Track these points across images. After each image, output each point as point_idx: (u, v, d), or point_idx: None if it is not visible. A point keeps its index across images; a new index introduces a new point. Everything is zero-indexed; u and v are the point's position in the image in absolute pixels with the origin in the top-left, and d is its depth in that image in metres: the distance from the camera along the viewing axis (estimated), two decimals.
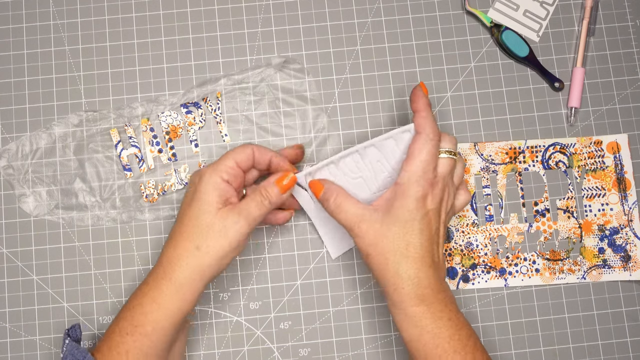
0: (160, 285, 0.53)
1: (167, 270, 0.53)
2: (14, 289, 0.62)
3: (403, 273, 0.52)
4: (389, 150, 0.56)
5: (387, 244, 0.52)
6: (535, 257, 0.63)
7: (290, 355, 0.62)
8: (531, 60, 0.66)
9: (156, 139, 0.64)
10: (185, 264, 0.52)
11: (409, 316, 0.52)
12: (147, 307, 0.52)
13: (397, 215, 0.52)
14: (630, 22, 0.67)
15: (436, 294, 0.52)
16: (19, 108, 0.65)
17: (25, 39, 0.66)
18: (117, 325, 0.53)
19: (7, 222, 0.63)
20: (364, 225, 0.53)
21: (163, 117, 0.64)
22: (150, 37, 0.66)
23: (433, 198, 0.52)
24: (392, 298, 0.52)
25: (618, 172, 0.64)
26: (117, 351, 0.52)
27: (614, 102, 0.66)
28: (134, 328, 0.52)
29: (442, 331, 0.51)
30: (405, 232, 0.52)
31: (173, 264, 0.53)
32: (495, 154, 0.65)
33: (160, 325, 0.52)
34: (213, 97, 0.65)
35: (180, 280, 0.52)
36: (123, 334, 0.52)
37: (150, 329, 0.52)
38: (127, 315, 0.53)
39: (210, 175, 0.54)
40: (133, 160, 0.64)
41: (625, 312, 0.62)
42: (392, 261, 0.52)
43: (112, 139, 0.64)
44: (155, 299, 0.52)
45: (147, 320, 0.52)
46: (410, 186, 0.52)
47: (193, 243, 0.53)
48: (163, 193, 0.63)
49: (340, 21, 0.67)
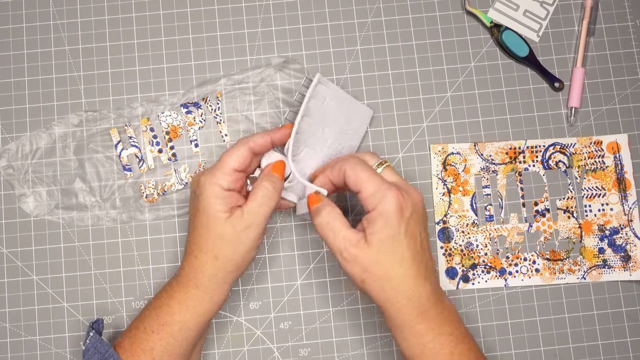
0: (187, 289, 0.53)
1: (191, 277, 0.54)
2: (14, 289, 0.62)
3: (402, 294, 0.51)
4: (316, 110, 0.58)
5: (379, 267, 0.50)
6: (535, 257, 0.63)
7: (290, 355, 0.62)
8: (531, 60, 0.66)
9: (156, 139, 0.64)
10: (210, 273, 0.53)
11: (411, 334, 0.51)
12: (175, 308, 0.53)
13: (383, 238, 0.50)
14: (630, 22, 0.67)
15: (435, 307, 0.51)
16: (19, 108, 0.65)
17: (25, 39, 0.66)
18: (141, 322, 0.53)
19: (7, 222, 0.63)
20: (353, 250, 0.51)
21: (163, 117, 0.64)
22: (150, 37, 0.66)
23: (406, 204, 0.51)
24: (394, 321, 0.52)
25: (618, 172, 0.64)
26: (142, 347, 0.52)
27: (614, 102, 0.66)
28: (161, 326, 0.53)
29: (443, 347, 0.51)
30: (394, 250, 0.50)
31: (197, 271, 0.54)
32: (495, 154, 0.65)
33: (187, 325, 0.53)
34: (213, 97, 0.65)
35: (206, 285, 0.53)
36: (148, 332, 0.53)
37: (177, 329, 0.53)
38: (152, 314, 0.53)
39: (210, 185, 0.53)
40: (133, 160, 0.64)
41: (625, 312, 0.62)
42: (390, 285, 0.50)
43: (112, 139, 0.64)
44: (183, 302, 0.53)
45: (174, 320, 0.53)
46: (382, 203, 0.51)
47: (211, 253, 0.53)
48: (163, 193, 0.63)
49: (340, 21, 0.67)
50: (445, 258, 0.63)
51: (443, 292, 0.54)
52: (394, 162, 0.64)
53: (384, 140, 0.65)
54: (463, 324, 0.53)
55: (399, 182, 0.53)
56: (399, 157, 0.64)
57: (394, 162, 0.64)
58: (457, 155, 0.64)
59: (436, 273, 0.54)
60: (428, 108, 0.65)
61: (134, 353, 0.52)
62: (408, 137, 0.65)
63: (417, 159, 0.64)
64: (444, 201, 0.64)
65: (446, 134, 0.65)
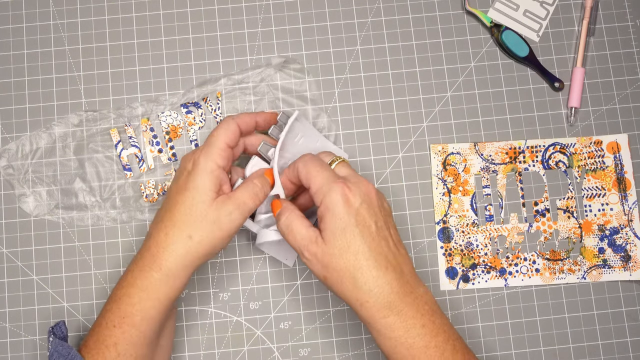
0: (148, 273, 0.52)
1: (156, 257, 0.52)
2: (14, 289, 0.62)
3: (362, 285, 0.49)
4: (289, 145, 0.59)
5: (337, 262, 0.49)
6: (535, 257, 0.63)
7: (290, 355, 0.62)
8: (531, 60, 0.66)
9: (156, 139, 0.64)
10: (177, 253, 0.52)
11: (381, 330, 0.49)
12: (135, 297, 0.51)
13: (334, 230, 0.50)
14: (630, 22, 0.67)
15: (403, 298, 0.49)
16: (19, 108, 0.65)
17: (25, 39, 0.66)
18: (103, 318, 0.52)
19: (7, 222, 0.63)
20: (312, 247, 0.50)
21: (163, 117, 0.64)
22: (150, 37, 0.66)
23: (354, 194, 0.50)
24: (360, 314, 0.50)
25: (618, 172, 0.64)
26: (105, 344, 0.51)
27: (614, 102, 0.66)
28: (122, 319, 0.51)
29: (417, 341, 0.49)
30: (348, 242, 0.49)
31: (163, 251, 0.52)
32: (495, 154, 0.65)
33: (149, 314, 0.52)
34: (213, 97, 0.65)
35: (171, 268, 0.52)
36: (110, 327, 0.51)
37: (138, 319, 0.51)
38: (113, 307, 0.52)
39: (206, 162, 0.53)
40: (133, 160, 0.64)
41: (625, 312, 0.62)
42: (348, 276, 0.49)
43: (112, 139, 0.64)
44: (144, 288, 0.52)
45: (135, 310, 0.51)
46: (327, 196, 0.50)
47: (185, 232, 0.52)
48: (163, 193, 0.63)
49: (340, 21, 0.67)
50: (445, 258, 0.63)
51: (418, 282, 0.52)
52: (394, 162, 0.64)
53: (384, 140, 0.65)
54: (441, 314, 0.51)
55: (349, 175, 0.53)
56: (399, 157, 0.64)
57: (394, 162, 0.64)
58: (457, 155, 0.64)
59: (407, 264, 0.52)
60: (428, 108, 0.65)
61: (99, 351, 0.51)
62: (408, 137, 0.65)
63: (417, 159, 0.65)
64: (444, 201, 0.64)
65: (446, 134, 0.65)
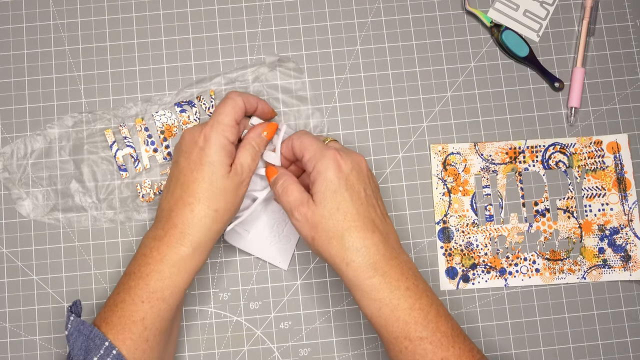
0: (178, 249, 0.53)
1: (185, 233, 0.53)
2: (14, 289, 0.62)
3: (349, 245, 0.51)
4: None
5: (326, 223, 0.52)
6: (535, 257, 0.63)
7: (290, 355, 0.62)
8: (531, 60, 0.66)
9: (151, 139, 0.64)
10: (206, 227, 0.54)
11: (366, 290, 0.51)
12: (166, 273, 0.53)
13: (324, 192, 0.52)
14: (630, 22, 0.67)
15: (388, 261, 0.52)
16: (19, 108, 0.65)
17: (25, 39, 0.66)
18: (128, 294, 0.52)
19: (7, 222, 0.63)
20: (303, 208, 0.53)
21: (157, 116, 0.64)
22: (150, 37, 0.66)
23: (345, 161, 0.53)
24: (346, 275, 0.52)
25: (618, 172, 0.64)
26: (132, 319, 0.52)
27: (614, 102, 0.66)
28: (151, 294, 0.52)
29: (401, 302, 0.51)
30: (338, 204, 0.52)
31: (192, 227, 0.53)
32: (495, 154, 0.65)
33: (179, 287, 0.53)
34: (207, 95, 0.65)
35: (200, 242, 0.54)
36: (137, 302, 0.52)
37: (168, 293, 0.53)
38: (140, 284, 0.53)
39: (217, 137, 0.54)
40: (128, 160, 0.64)
41: (625, 312, 0.62)
42: (336, 237, 0.52)
43: (106, 139, 0.64)
44: (174, 264, 0.53)
45: (166, 285, 0.52)
46: (320, 161, 0.53)
47: (211, 207, 0.54)
48: (159, 192, 0.63)
49: (340, 21, 0.67)
50: (445, 258, 0.63)
51: (402, 250, 0.54)
52: (394, 162, 0.64)
53: (384, 140, 0.65)
54: (423, 280, 0.53)
55: (341, 148, 0.55)
56: (399, 157, 0.64)
57: (394, 162, 0.64)
58: (457, 155, 0.64)
59: (393, 234, 0.54)
60: (428, 108, 0.65)
61: (124, 326, 0.51)
62: (408, 137, 0.65)
63: (417, 159, 0.65)
64: (444, 201, 0.64)
65: (446, 134, 0.65)
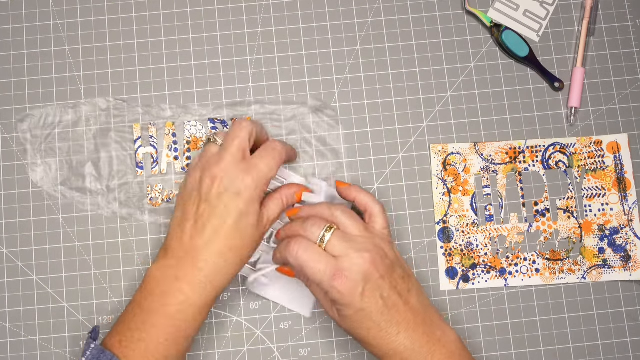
0: (208, 293, 0.54)
1: (213, 282, 0.54)
2: (14, 289, 0.62)
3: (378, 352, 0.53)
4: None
5: (354, 333, 0.53)
6: (535, 257, 0.63)
7: (290, 355, 0.62)
8: (531, 60, 0.66)
9: (176, 145, 0.64)
10: (230, 275, 0.55)
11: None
12: (190, 314, 0.53)
13: (345, 315, 0.52)
14: (630, 22, 0.67)
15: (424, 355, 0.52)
16: (19, 108, 0.65)
17: (25, 39, 0.66)
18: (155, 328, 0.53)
19: (7, 222, 0.63)
20: (330, 313, 0.54)
21: (188, 125, 0.64)
22: (150, 37, 0.66)
23: (355, 282, 0.51)
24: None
25: (618, 172, 0.64)
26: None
27: (614, 102, 0.66)
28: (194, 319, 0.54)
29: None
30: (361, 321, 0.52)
31: (220, 276, 0.54)
32: (495, 154, 0.65)
33: (201, 317, 0.55)
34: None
35: (221, 287, 0.55)
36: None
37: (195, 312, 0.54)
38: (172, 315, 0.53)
39: (256, 191, 0.54)
40: (147, 160, 0.64)
41: (625, 312, 0.62)
42: (367, 345, 0.53)
43: (133, 132, 0.64)
44: (202, 305, 0.54)
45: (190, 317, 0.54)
46: (330, 292, 0.52)
47: (239, 257, 0.55)
48: (167, 200, 0.63)
49: (340, 21, 0.67)
50: (445, 258, 0.63)
51: (443, 325, 0.54)
52: (394, 162, 0.64)
53: (384, 140, 0.65)
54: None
55: (342, 253, 0.52)
56: (399, 157, 0.64)
57: (394, 162, 0.64)
58: (457, 155, 0.64)
59: (429, 312, 0.54)
60: (428, 108, 0.65)
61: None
62: (408, 137, 0.65)
63: (417, 159, 0.65)
64: (444, 201, 0.64)
65: (446, 134, 0.65)
